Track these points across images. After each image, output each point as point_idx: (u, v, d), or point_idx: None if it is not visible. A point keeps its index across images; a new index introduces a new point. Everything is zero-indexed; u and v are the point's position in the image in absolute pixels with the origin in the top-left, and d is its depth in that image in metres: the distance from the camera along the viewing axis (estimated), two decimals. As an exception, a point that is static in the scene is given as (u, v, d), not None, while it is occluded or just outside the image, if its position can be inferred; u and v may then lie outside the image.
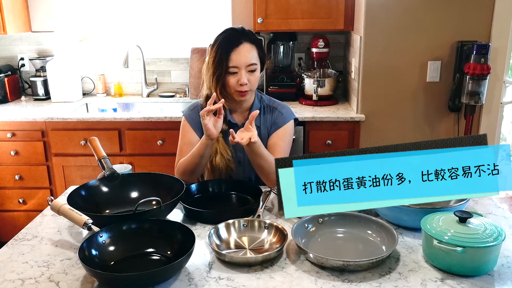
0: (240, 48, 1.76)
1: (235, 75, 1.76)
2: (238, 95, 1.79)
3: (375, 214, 1.50)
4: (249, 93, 1.80)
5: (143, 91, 3.51)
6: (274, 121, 1.89)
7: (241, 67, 1.76)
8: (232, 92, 1.79)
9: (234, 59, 1.75)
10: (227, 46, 1.76)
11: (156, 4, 3.54)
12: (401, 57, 2.82)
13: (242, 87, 1.76)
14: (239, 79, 1.76)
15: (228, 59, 1.75)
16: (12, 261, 1.30)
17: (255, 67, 1.79)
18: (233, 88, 1.78)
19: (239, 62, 1.75)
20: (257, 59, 1.80)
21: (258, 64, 1.81)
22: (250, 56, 1.77)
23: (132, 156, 3.01)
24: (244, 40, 1.78)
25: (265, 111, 1.92)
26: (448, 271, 1.21)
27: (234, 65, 1.75)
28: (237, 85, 1.77)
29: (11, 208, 3.16)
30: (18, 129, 2.99)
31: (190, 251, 1.20)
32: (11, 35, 3.47)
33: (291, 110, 1.95)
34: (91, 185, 1.59)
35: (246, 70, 1.77)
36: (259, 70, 1.82)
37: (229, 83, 1.77)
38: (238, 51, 1.75)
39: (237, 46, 1.76)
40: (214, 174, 1.89)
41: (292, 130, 1.93)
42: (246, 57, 1.76)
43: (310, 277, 1.20)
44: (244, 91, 1.77)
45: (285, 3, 3.01)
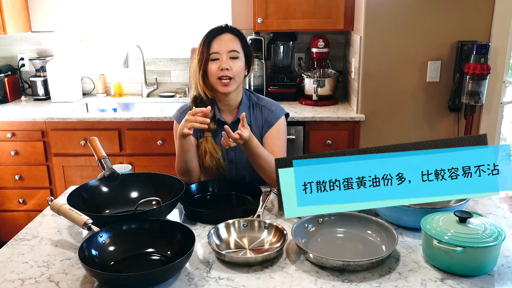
0: (221, 36, 1.79)
1: (217, 61, 1.77)
2: (221, 84, 1.77)
3: (375, 214, 1.50)
4: (232, 82, 1.78)
5: (143, 91, 3.51)
6: (265, 120, 1.89)
7: (222, 53, 1.77)
8: (214, 81, 1.78)
9: (215, 46, 1.77)
10: (209, 36, 1.80)
11: (156, 4, 3.54)
12: (401, 57, 2.82)
13: (223, 72, 1.75)
14: (220, 64, 1.76)
15: (209, 47, 1.78)
16: (12, 261, 1.30)
17: (236, 55, 1.79)
18: (215, 75, 1.77)
19: (219, 47, 1.77)
20: (240, 50, 1.81)
21: (241, 54, 1.81)
22: (232, 44, 1.79)
23: (132, 156, 3.01)
24: (226, 31, 1.81)
25: (254, 108, 1.91)
26: (448, 271, 1.21)
27: (215, 51, 1.77)
28: (219, 71, 1.76)
29: (11, 208, 3.16)
30: (18, 129, 2.99)
31: (190, 251, 1.20)
32: (11, 35, 3.47)
33: (281, 106, 1.95)
34: (91, 185, 1.59)
35: (228, 57, 1.77)
36: (243, 61, 1.82)
37: (211, 70, 1.77)
38: (220, 38, 1.78)
39: (219, 34, 1.79)
40: (207, 174, 1.89)
41: (285, 126, 1.93)
42: (226, 44, 1.78)
43: (310, 277, 1.20)
44: (225, 77, 1.76)
45: (285, 3, 3.01)
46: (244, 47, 1.83)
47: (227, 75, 1.76)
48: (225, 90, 1.79)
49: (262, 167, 1.75)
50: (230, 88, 1.79)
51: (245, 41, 1.85)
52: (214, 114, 1.85)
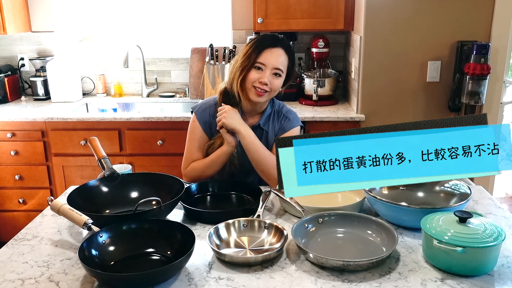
0: (274, 49, 1.77)
1: (259, 71, 1.77)
2: (255, 93, 1.78)
3: (375, 214, 1.50)
4: (266, 95, 1.79)
5: (143, 91, 3.52)
6: (281, 126, 1.91)
7: (267, 66, 1.76)
8: (250, 87, 1.78)
9: (264, 56, 1.76)
10: (263, 44, 1.78)
11: (156, 4, 3.54)
12: (401, 57, 2.82)
13: (262, 86, 1.76)
14: (262, 76, 1.76)
15: (259, 54, 1.76)
16: (12, 261, 1.30)
17: (280, 73, 1.79)
18: (252, 82, 1.77)
19: (268, 60, 1.76)
20: (285, 68, 1.80)
21: (284, 74, 1.81)
22: (281, 60, 1.78)
23: (132, 156, 3.01)
24: (280, 46, 1.79)
25: (274, 117, 1.92)
26: (448, 271, 1.21)
27: (262, 62, 1.76)
28: (258, 82, 1.76)
29: (11, 208, 3.16)
30: (18, 129, 2.99)
31: (190, 251, 1.20)
32: (11, 35, 3.48)
33: (298, 117, 1.96)
34: (91, 185, 1.59)
35: (271, 72, 1.77)
36: (283, 80, 1.82)
37: (251, 76, 1.77)
38: (271, 51, 1.77)
39: (272, 47, 1.77)
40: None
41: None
42: (276, 59, 1.77)
43: (310, 277, 1.20)
44: (262, 90, 1.76)
45: (285, 3, 3.01)
46: (290, 66, 1.83)
47: (265, 89, 1.77)
48: (256, 100, 1.80)
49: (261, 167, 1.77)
50: (262, 99, 1.80)
51: (293, 60, 1.84)
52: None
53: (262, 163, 1.77)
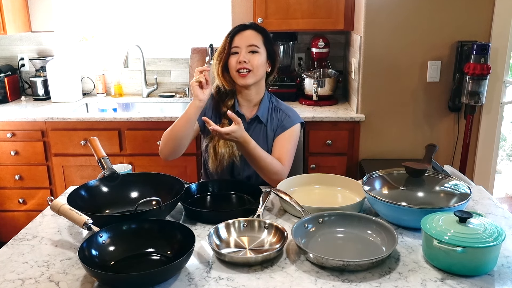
0: (244, 32, 1.84)
1: (236, 55, 1.81)
2: (239, 76, 1.81)
3: (375, 214, 1.50)
4: (250, 75, 1.81)
5: (143, 91, 3.52)
6: (281, 123, 1.91)
7: (241, 47, 1.81)
8: (234, 74, 1.83)
9: (236, 41, 1.82)
10: (233, 32, 1.85)
11: (156, 4, 3.54)
12: (401, 57, 2.82)
13: (241, 65, 1.79)
14: (239, 57, 1.80)
15: (231, 41, 1.82)
16: (12, 261, 1.30)
17: (256, 49, 1.82)
18: (234, 68, 1.81)
19: (240, 42, 1.82)
20: (261, 45, 1.84)
21: (262, 50, 1.84)
22: (252, 39, 1.83)
23: (132, 156, 3.01)
24: (250, 28, 1.85)
25: (272, 111, 1.93)
26: (448, 271, 1.21)
27: (235, 45, 1.81)
28: (237, 64, 1.80)
29: (11, 208, 3.16)
30: (18, 129, 2.99)
31: (190, 251, 1.20)
32: (11, 35, 3.48)
33: (298, 115, 1.97)
34: (91, 185, 1.59)
35: (247, 51, 1.81)
36: (263, 57, 1.84)
37: (231, 64, 1.82)
38: (241, 34, 1.83)
39: (242, 30, 1.84)
40: (217, 160, 1.88)
41: (298, 133, 1.94)
42: (247, 38, 1.82)
43: (310, 277, 1.20)
44: (243, 69, 1.79)
45: (285, 3, 3.01)
46: (267, 44, 1.86)
47: (245, 67, 1.80)
48: (243, 82, 1.82)
49: (261, 168, 1.76)
50: (248, 80, 1.82)
51: (268, 38, 1.88)
52: (234, 105, 1.88)
53: (263, 167, 1.76)
